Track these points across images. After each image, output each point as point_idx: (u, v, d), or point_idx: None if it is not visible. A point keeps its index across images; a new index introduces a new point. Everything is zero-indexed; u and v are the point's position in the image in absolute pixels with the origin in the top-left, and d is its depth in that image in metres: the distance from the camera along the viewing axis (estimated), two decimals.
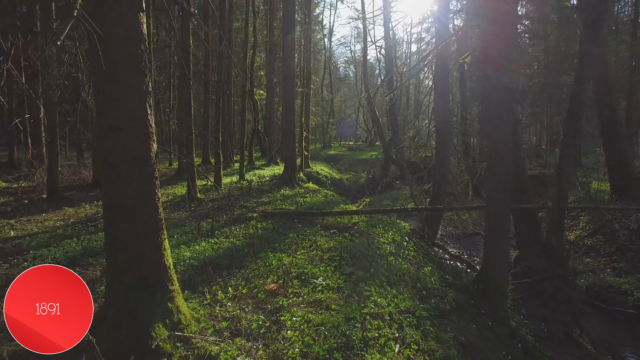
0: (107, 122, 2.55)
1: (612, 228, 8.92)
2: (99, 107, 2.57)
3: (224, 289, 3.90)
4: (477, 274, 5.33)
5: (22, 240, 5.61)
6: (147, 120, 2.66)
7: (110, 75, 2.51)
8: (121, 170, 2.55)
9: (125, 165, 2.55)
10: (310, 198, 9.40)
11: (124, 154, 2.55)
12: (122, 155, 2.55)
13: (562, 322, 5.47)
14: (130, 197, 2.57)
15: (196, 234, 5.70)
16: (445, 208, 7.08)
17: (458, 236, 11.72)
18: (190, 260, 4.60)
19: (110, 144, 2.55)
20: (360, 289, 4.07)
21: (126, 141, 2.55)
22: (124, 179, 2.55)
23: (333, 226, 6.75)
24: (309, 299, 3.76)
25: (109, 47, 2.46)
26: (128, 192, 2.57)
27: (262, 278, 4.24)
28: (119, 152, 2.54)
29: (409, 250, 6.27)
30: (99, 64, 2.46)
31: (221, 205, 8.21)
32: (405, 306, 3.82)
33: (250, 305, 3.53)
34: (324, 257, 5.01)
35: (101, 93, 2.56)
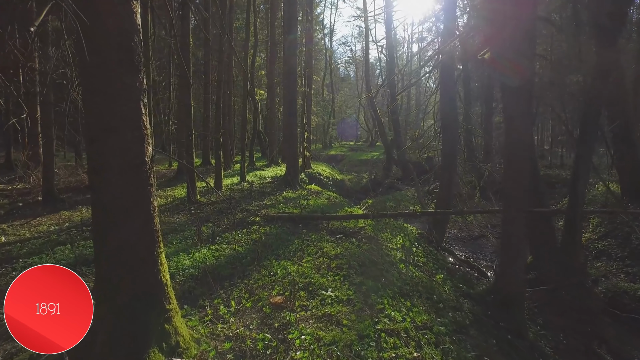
0: (96, 123, 2.27)
1: (624, 231, 8.63)
2: (87, 107, 2.30)
3: (226, 302, 3.62)
4: (492, 283, 5.06)
5: (13, 246, 5.34)
6: (142, 121, 2.38)
7: (100, 71, 2.23)
8: (112, 176, 2.27)
9: (116, 171, 2.28)
10: (313, 200, 9.13)
11: (116, 158, 2.28)
12: (114, 159, 2.28)
13: (581, 333, 5.20)
14: (123, 206, 2.30)
15: (196, 239, 5.42)
16: (456, 212, 6.80)
17: (463, 239, 11.45)
18: (189, 270, 4.33)
19: (100, 147, 2.27)
20: (372, 301, 3.80)
21: (118, 144, 2.28)
22: (115, 186, 2.28)
23: (339, 231, 6.48)
24: (317, 313, 3.48)
25: (98, 39, 2.18)
26: (120, 200, 2.29)
27: (266, 289, 3.96)
28: (109, 156, 2.27)
29: (419, 256, 6.01)
30: (86, 58, 2.19)
31: (222, 208, 7.94)
32: (422, 321, 3.54)
33: (255, 322, 3.25)
34: (331, 265, 4.74)
35: (89, 91, 2.29)
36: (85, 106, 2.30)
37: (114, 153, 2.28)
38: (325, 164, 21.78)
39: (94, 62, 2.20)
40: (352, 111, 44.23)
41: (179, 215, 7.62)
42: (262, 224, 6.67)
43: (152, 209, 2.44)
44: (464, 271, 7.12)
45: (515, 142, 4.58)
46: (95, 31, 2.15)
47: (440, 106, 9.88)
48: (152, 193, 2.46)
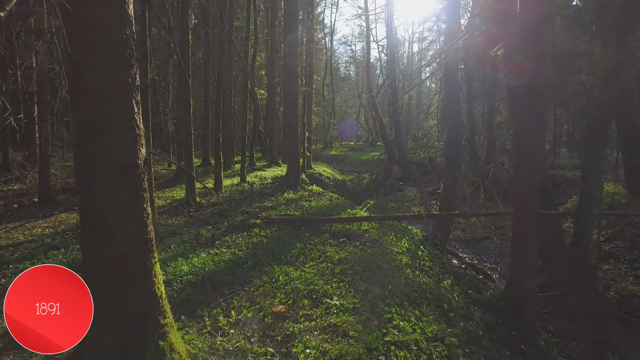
0: (83, 123, 2.09)
1: (632, 233, 8.45)
2: (74, 105, 2.11)
3: (226, 311, 3.44)
4: (503, 289, 4.87)
5: (5, 251, 5.15)
6: (134, 120, 2.20)
7: (88, 66, 2.05)
8: (101, 181, 2.09)
9: (106, 175, 2.09)
10: (315, 202, 8.94)
11: (105, 161, 2.09)
12: (103, 162, 2.09)
13: (593, 340, 5.02)
14: (113, 213, 2.12)
15: (195, 244, 5.24)
16: (463, 214, 6.63)
17: (467, 240, 11.24)
18: (188, 276, 4.14)
19: (88, 149, 2.09)
20: (379, 310, 3.61)
21: (107, 146, 2.09)
22: (105, 191, 2.10)
23: (342, 234, 6.29)
24: (322, 323, 3.30)
25: (84, 30, 2.00)
26: (110, 207, 2.11)
27: (268, 297, 3.78)
28: (98, 159, 2.08)
29: (425, 260, 5.82)
30: (75, 51, 2.01)
31: (222, 210, 7.75)
32: (432, 331, 3.36)
33: (257, 334, 3.07)
34: (336, 271, 4.55)
35: (76, 88, 2.10)
36: (72, 105, 2.11)
37: (103, 155, 2.09)
38: (326, 164, 21.60)
39: (80, 56, 2.02)
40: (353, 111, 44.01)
41: (178, 217, 7.43)
42: (263, 226, 6.48)
43: (145, 216, 2.25)
44: (471, 275, 6.94)
45: (524, 142, 4.40)
46: (81, 21, 1.97)
47: (444, 106, 9.71)
48: (145, 199, 2.27)
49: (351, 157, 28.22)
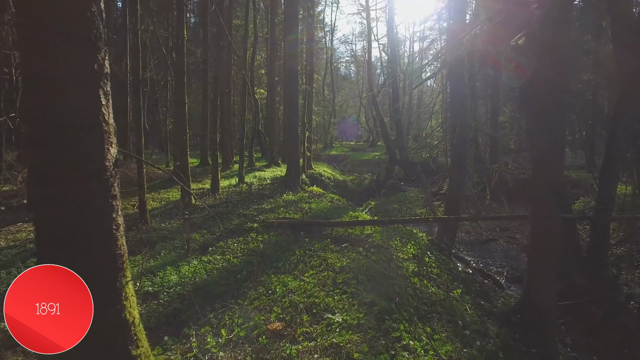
0: (37, 119, 1.74)
1: None
2: (27, 97, 1.77)
3: (216, 330, 3.09)
4: (520, 301, 4.52)
5: None
6: (101, 115, 1.85)
7: (43, 49, 1.70)
8: (60, 186, 1.74)
9: (65, 180, 1.75)
10: (315, 204, 8.58)
11: (65, 163, 1.75)
12: (62, 165, 1.74)
13: (616, 355, 4.66)
14: (74, 226, 1.77)
15: (186, 250, 4.89)
16: (472, 217, 6.27)
17: (471, 243, 10.90)
18: (176, 288, 3.80)
19: (44, 149, 1.74)
20: (386, 327, 3.26)
21: (67, 146, 1.74)
22: (65, 199, 1.75)
23: (344, 238, 5.94)
24: (323, 343, 2.95)
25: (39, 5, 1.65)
26: (70, 219, 1.76)
27: (264, 312, 3.43)
28: (55, 161, 1.73)
29: (433, 268, 5.47)
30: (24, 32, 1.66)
31: (218, 212, 7.40)
32: (447, 352, 3.01)
33: (249, 357, 2.72)
34: (337, 280, 4.21)
35: (31, 76, 1.76)
36: (23, 97, 1.76)
37: (62, 156, 1.74)
38: (326, 165, 21.26)
39: (31, 36, 1.67)
40: (353, 111, 43.66)
41: (172, 220, 7.08)
42: (261, 231, 6.13)
43: (114, 227, 1.90)
44: (480, 282, 6.58)
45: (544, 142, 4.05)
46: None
47: (449, 105, 9.37)
48: (115, 207, 1.92)
49: (352, 157, 27.87)
